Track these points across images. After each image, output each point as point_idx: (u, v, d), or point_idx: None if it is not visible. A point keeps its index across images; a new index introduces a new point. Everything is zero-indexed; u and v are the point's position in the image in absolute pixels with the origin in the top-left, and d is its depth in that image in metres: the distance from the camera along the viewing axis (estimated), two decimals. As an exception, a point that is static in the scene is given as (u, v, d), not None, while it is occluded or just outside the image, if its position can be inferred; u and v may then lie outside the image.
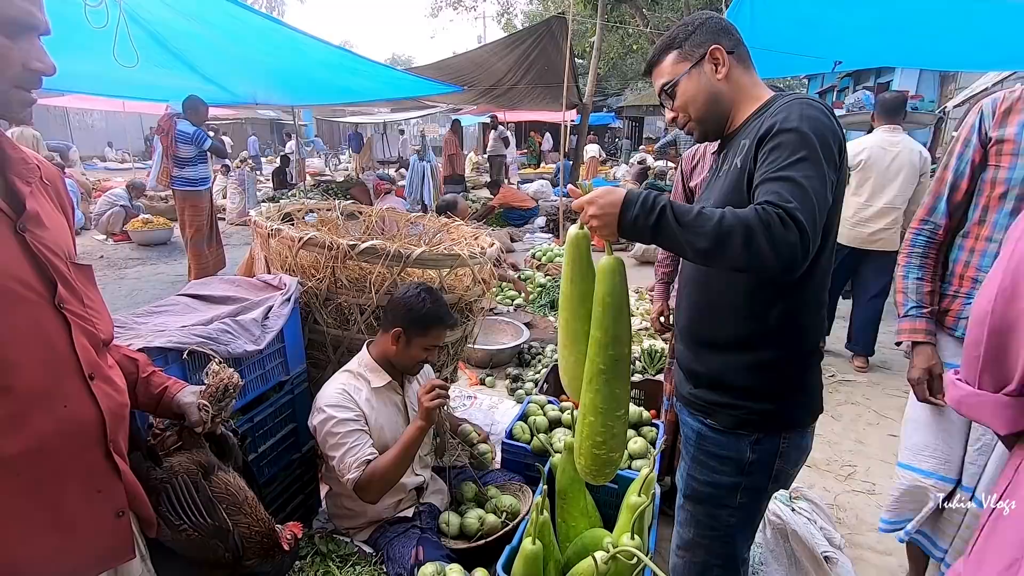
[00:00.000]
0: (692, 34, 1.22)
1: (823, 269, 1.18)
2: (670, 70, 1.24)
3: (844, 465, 2.83)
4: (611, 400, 1.13)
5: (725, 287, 1.21)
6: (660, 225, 0.98)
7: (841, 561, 1.96)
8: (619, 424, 1.16)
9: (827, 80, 12.36)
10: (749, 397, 1.22)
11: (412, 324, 1.79)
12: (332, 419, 1.71)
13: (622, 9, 12.35)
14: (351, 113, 16.24)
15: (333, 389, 1.78)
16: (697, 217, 0.96)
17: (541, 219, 8.91)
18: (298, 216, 2.71)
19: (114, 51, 3.57)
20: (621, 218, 1.01)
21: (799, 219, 0.93)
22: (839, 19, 4.92)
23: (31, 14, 0.84)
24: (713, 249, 0.95)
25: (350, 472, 1.68)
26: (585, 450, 1.19)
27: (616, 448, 1.18)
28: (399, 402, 1.92)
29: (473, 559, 1.75)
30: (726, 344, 1.23)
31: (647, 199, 0.99)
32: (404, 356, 1.83)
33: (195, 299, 1.93)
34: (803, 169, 0.99)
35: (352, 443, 1.71)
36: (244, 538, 1.25)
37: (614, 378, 1.11)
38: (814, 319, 1.21)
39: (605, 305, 1.08)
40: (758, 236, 0.92)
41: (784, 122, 1.05)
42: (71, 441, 0.91)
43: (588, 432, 1.17)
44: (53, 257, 0.91)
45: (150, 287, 5.80)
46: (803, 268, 0.97)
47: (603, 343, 1.09)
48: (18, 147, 0.94)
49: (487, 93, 9.49)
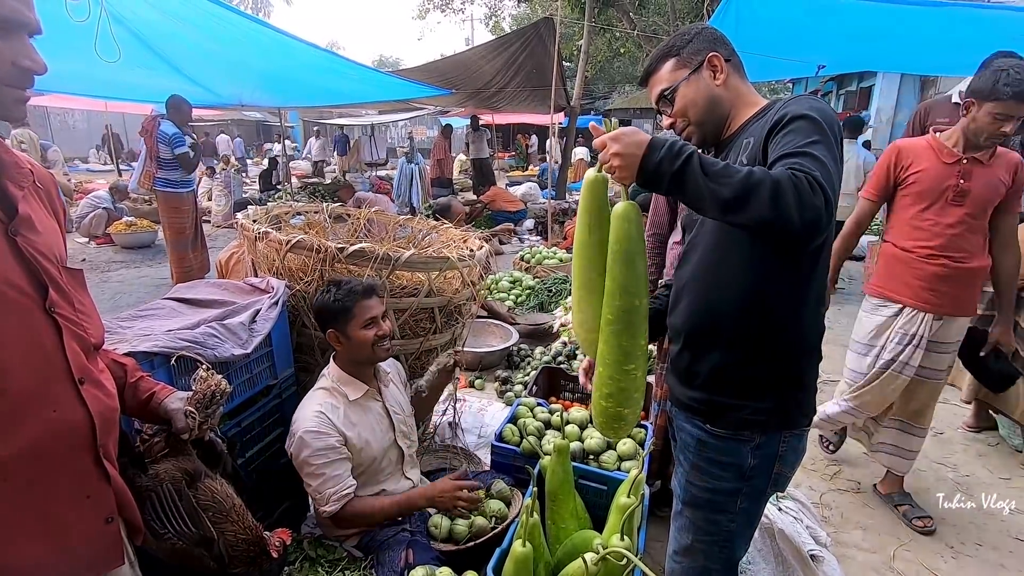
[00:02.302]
0: (690, 42, 1.24)
1: (823, 266, 1.20)
2: (669, 76, 1.26)
3: (829, 464, 2.87)
4: (618, 352, 1.11)
5: (726, 284, 1.21)
6: (685, 171, 0.95)
7: (827, 559, 1.98)
8: (627, 379, 1.14)
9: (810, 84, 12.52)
10: (751, 396, 1.22)
11: (336, 317, 1.77)
12: (308, 447, 1.68)
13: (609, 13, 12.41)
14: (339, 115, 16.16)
15: (310, 412, 1.74)
16: (725, 168, 0.95)
17: (530, 221, 8.93)
18: (285, 219, 2.69)
19: (95, 46, 3.52)
20: (644, 161, 0.98)
21: (824, 186, 0.93)
22: (822, 24, 5.01)
23: (21, 13, 0.83)
24: (739, 200, 0.92)
25: (328, 504, 1.66)
26: (595, 400, 1.19)
27: (625, 404, 1.16)
28: (380, 408, 1.89)
29: (463, 562, 1.74)
30: (727, 342, 1.23)
31: (674, 145, 0.97)
32: (356, 348, 1.80)
33: (181, 303, 1.91)
34: (819, 150, 1.00)
35: (331, 474, 1.68)
36: (230, 546, 1.23)
37: (622, 330, 1.10)
38: (815, 316, 1.22)
39: (615, 253, 1.06)
40: (787, 193, 0.91)
41: (795, 111, 1.07)
42: (61, 446, 0.90)
43: (598, 382, 1.17)
44: (44, 261, 0.90)
45: (134, 290, 5.72)
46: (819, 238, 0.96)
47: (611, 292, 1.08)
48: (11, 151, 0.94)
49: (475, 96, 9.50)
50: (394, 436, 1.91)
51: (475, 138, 11.65)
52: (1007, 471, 2.81)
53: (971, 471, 2.83)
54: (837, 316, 4.70)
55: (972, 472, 2.82)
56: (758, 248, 1.16)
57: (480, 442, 2.69)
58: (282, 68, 6.29)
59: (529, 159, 18.34)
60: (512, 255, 6.65)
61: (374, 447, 1.82)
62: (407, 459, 1.96)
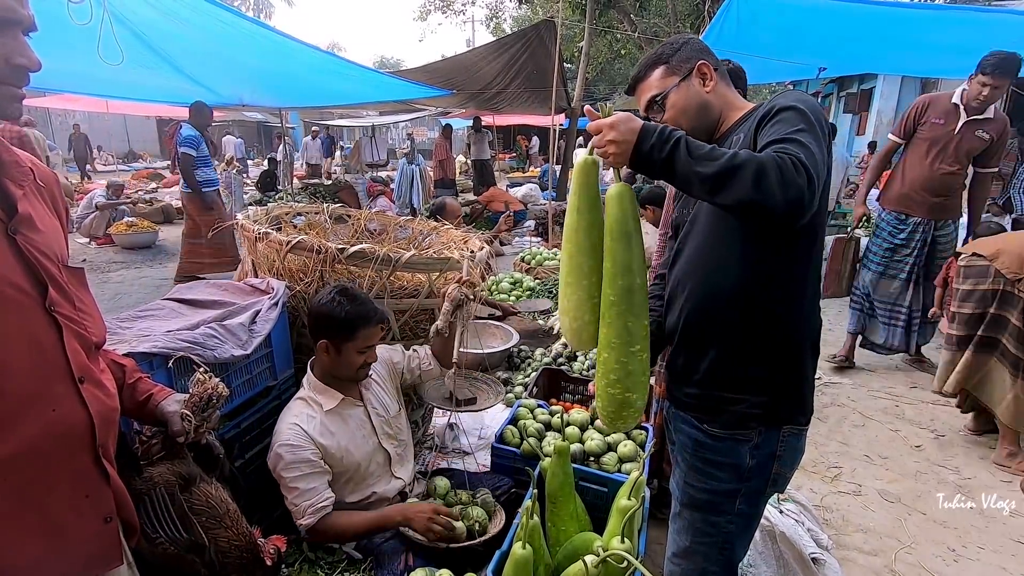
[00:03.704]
0: (678, 51, 1.27)
1: (816, 260, 1.22)
2: (659, 83, 1.28)
3: (830, 467, 2.87)
4: (624, 334, 1.12)
5: (720, 279, 1.22)
6: (675, 155, 1.00)
7: (829, 562, 1.98)
8: (634, 361, 1.14)
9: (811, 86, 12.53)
10: (748, 391, 1.23)
11: (336, 332, 1.71)
12: (282, 460, 1.67)
13: (610, 15, 12.43)
14: (339, 116, 16.17)
15: (286, 425, 1.72)
16: (711, 150, 1.00)
17: (530, 223, 8.92)
18: (286, 220, 2.69)
19: (98, 49, 3.53)
20: (638, 146, 1.02)
21: (808, 167, 0.96)
22: (823, 27, 5.01)
23: (12, 9, 0.82)
24: (722, 178, 0.96)
25: (304, 517, 1.65)
26: (601, 389, 1.18)
27: (633, 388, 1.16)
28: (361, 412, 1.87)
29: (460, 563, 1.73)
30: (723, 338, 1.24)
31: (663, 131, 1.02)
32: (341, 366, 1.76)
33: (181, 303, 1.91)
34: (806, 137, 1.03)
35: (304, 488, 1.67)
36: (223, 553, 1.22)
37: (627, 310, 1.11)
38: (812, 309, 1.23)
39: (613, 233, 1.08)
40: (770, 174, 0.95)
41: (783, 104, 1.11)
42: (60, 445, 0.89)
43: (603, 370, 1.16)
44: (45, 260, 0.90)
45: (134, 291, 5.72)
46: (804, 218, 0.99)
47: (612, 273, 1.09)
48: (12, 150, 0.93)
49: (476, 97, 9.51)
50: (378, 439, 1.89)
51: (477, 139, 11.65)
52: (1009, 474, 2.81)
53: (973, 473, 2.82)
54: (838, 319, 4.69)
55: (975, 475, 2.81)
56: (750, 242, 1.17)
57: (480, 443, 2.68)
58: (283, 68, 6.30)
59: (530, 160, 18.34)
60: (512, 256, 6.65)
61: (355, 454, 1.80)
62: (394, 459, 1.94)
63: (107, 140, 19.15)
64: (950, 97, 3.40)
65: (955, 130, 3.35)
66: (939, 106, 3.43)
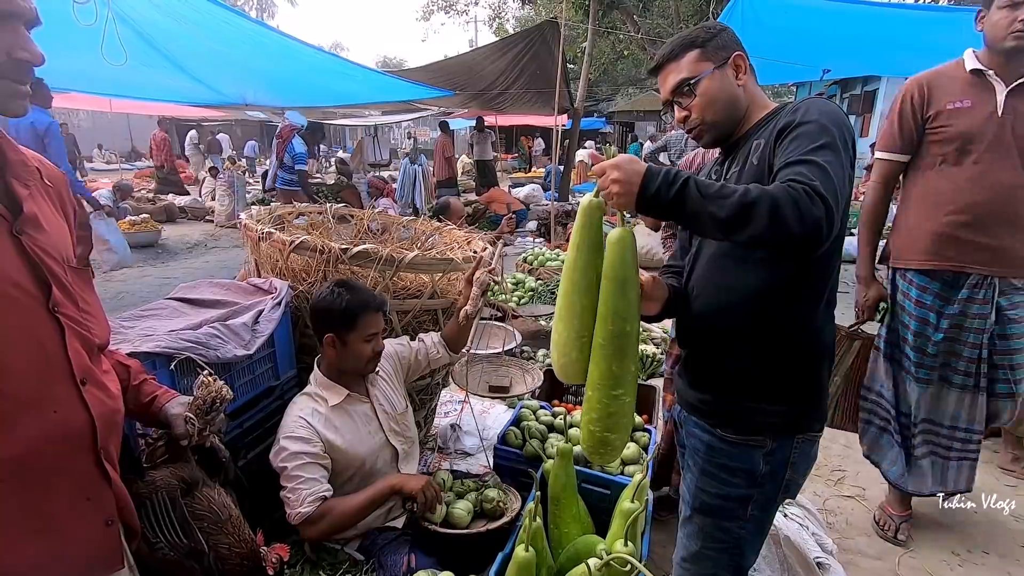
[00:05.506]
0: (715, 37, 1.22)
1: (835, 268, 1.20)
2: (691, 67, 1.21)
3: (834, 470, 2.86)
4: (608, 377, 1.11)
5: (736, 287, 1.20)
6: (683, 196, 0.97)
7: (833, 567, 1.97)
8: (616, 404, 1.13)
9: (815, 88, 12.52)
10: (763, 399, 1.21)
11: (339, 324, 1.73)
12: (285, 451, 1.67)
13: (613, 15, 12.42)
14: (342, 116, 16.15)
15: (292, 418, 1.73)
16: (721, 188, 0.97)
17: (532, 223, 8.92)
18: (289, 219, 2.68)
19: (101, 48, 3.53)
20: (643, 188, 1.00)
21: (824, 195, 0.94)
22: (826, 29, 5.01)
23: (12, 3, 0.81)
24: (737, 219, 0.94)
25: (302, 505, 1.63)
26: (583, 423, 1.19)
27: (612, 429, 1.16)
28: (367, 409, 1.87)
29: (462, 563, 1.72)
30: (739, 346, 1.22)
31: (669, 172, 1.00)
32: (349, 358, 1.77)
33: (184, 303, 1.91)
34: (824, 155, 1.00)
35: (307, 476, 1.66)
36: (222, 560, 1.21)
37: (612, 354, 1.10)
38: (828, 319, 1.22)
39: (607, 277, 1.07)
40: (785, 207, 0.92)
41: (804, 116, 1.07)
42: (61, 447, 0.89)
43: (586, 407, 1.17)
44: (49, 260, 0.89)
45: (137, 290, 5.72)
46: (824, 246, 0.97)
47: (604, 316, 1.08)
48: (19, 149, 0.93)
49: (478, 97, 9.50)
50: (385, 435, 1.89)
51: (479, 139, 11.64)
52: (1013, 478, 2.79)
53: (978, 477, 2.80)
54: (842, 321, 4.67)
55: (979, 478, 2.79)
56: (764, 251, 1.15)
57: (482, 445, 2.67)
58: (286, 69, 6.32)
59: (533, 161, 18.33)
60: (515, 257, 6.64)
61: (361, 450, 1.79)
62: (402, 456, 1.94)
63: (110, 139, 19.17)
64: (961, 65, 2.05)
65: (997, 109, 1.93)
66: (950, 84, 2.04)
